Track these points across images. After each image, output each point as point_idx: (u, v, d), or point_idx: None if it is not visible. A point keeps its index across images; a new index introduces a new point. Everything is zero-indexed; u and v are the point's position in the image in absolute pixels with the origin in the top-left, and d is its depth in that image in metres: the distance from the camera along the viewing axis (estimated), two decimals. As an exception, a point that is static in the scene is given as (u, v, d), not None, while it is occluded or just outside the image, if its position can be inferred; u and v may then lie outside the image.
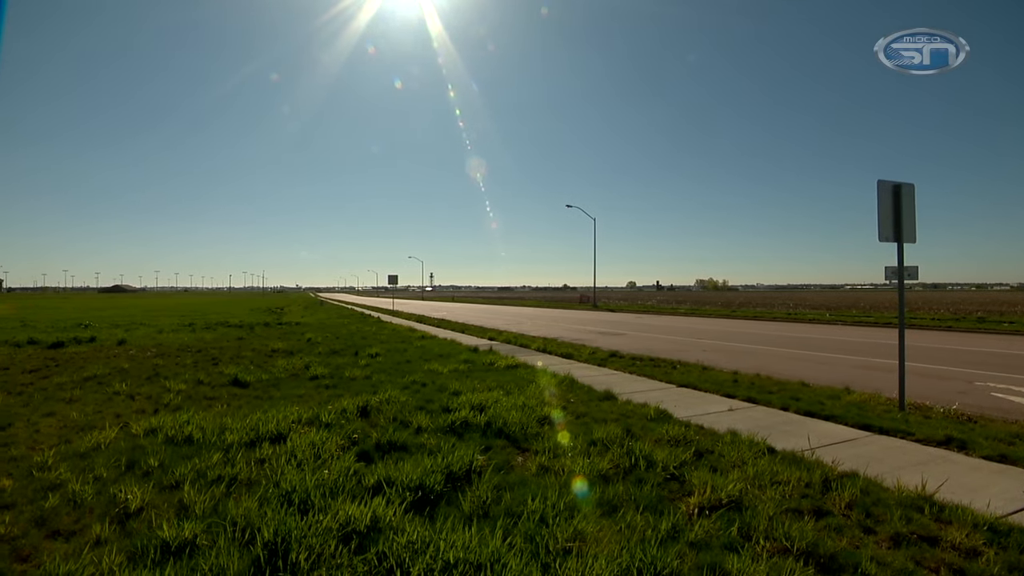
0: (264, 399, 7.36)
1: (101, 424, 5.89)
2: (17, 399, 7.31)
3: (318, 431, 5.47)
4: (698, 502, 3.79)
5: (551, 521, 3.46)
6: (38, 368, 10.14)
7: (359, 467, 4.40)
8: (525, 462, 4.81)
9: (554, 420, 6.12)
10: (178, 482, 4.16)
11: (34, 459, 4.73)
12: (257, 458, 4.68)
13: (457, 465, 4.31)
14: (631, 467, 4.56)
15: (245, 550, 3.08)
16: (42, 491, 4.01)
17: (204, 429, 5.48)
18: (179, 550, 3.11)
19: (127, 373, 9.46)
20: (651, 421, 6.14)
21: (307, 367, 10.04)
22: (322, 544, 3.10)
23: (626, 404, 7.07)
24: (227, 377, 8.90)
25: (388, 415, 6.25)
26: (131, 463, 4.60)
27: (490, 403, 6.58)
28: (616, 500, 3.87)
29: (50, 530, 3.44)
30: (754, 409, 7.01)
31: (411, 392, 7.75)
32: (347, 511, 3.43)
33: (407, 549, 3.06)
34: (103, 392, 7.79)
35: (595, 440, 5.25)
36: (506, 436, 5.51)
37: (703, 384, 8.57)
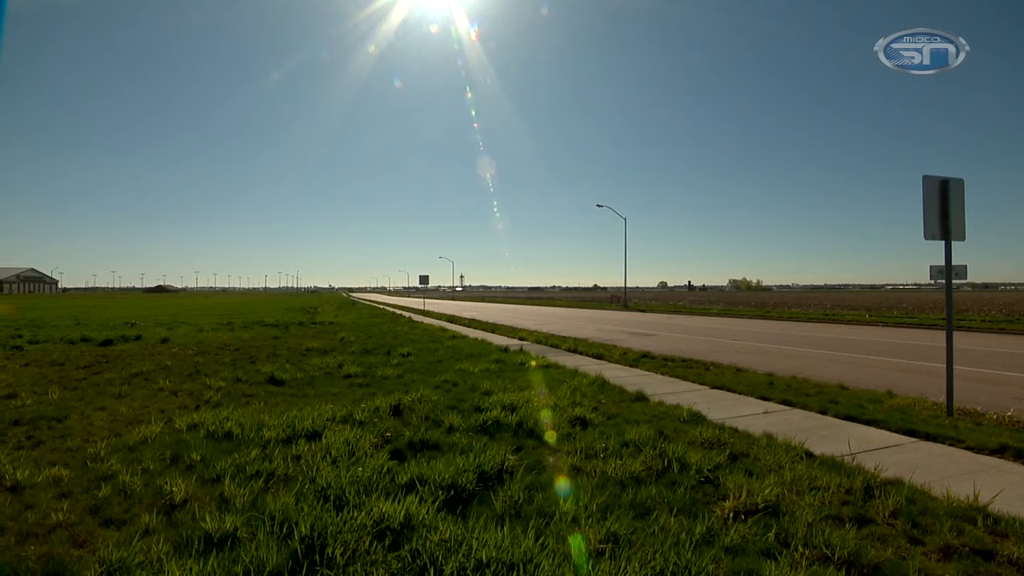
0: (299, 397, 7.54)
1: (147, 418, 6.13)
2: (72, 393, 7.68)
3: (352, 429, 5.57)
4: (733, 506, 3.71)
5: (584, 522, 3.45)
6: (90, 364, 10.62)
7: (392, 465, 4.46)
8: (557, 462, 4.80)
9: (585, 420, 6.09)
10: (219, 476, 4.29)
11: (88, 451, 4.97)
12: (293, 454, 4.80)
13: (489, 464, 4.33)
14: (664, 469, 4.50)
15: (283, 544, 3.16)
16: (95, 481, 4.20)
17: (243, 425, 5.65)
18: (221, 542, 3.21)
19: (170, 370, 9.81)
20: (684, 423, 6.05)
21: (340, 366, 10.24)
22: (357, 540, 3.16)
23: (658, 406, 6.99)
24: (264, 375, 9.15)
25: (420, 414, 6.33)
26: (175, 457, 4.78)
27: (521, 403, 6.59)
28: (649, 502, 3.82)
29: (103, 518, 3.60)
30: (790, 412, 6.84)
31: (442, 391, 7.83)
32: (381, 508, 3.49)
33: (440, 547, 3.09)
34: (149, 388, 8.11)
35: (627, 441, 5.20)
36: (537, 436, 5.51)
37: (737, 386, 8.40)
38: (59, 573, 2.87)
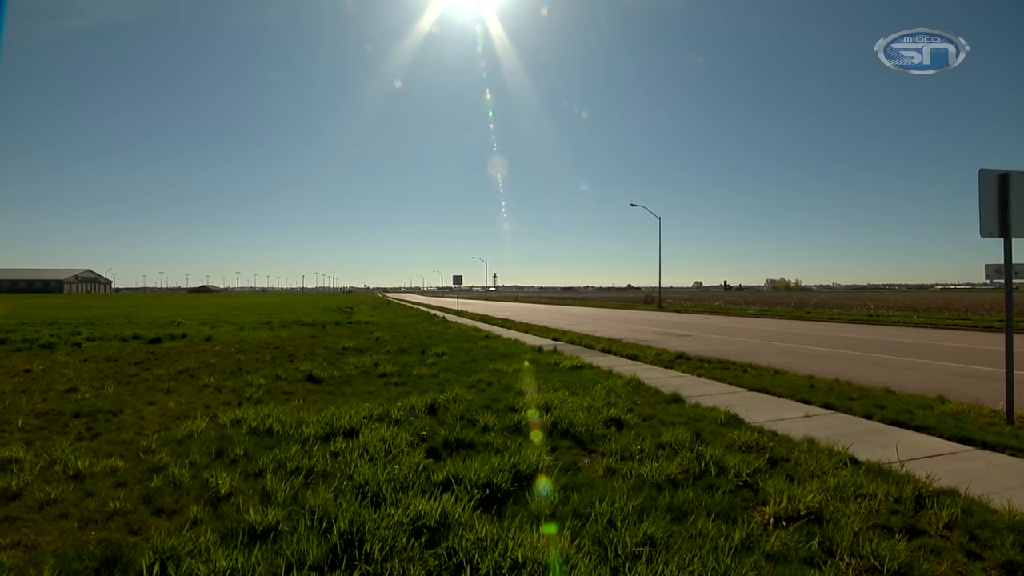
0: (337, 395, 7.70)
1: (194, 414, 6.37)
2: (125, 388, 8.04)
3: (388, 427, 5.66)
4: (774, 512, 3.61)
5: (620, 524, 3.41)
6: (141, 361, 11.10)
7: (428, 463, 4.51)
8: (592, 463, 4.77)
9: (621, 422, 6.03)
10: (261, 471, 4.42)
11: (140, 443, 5.20)
12: (332, 451, 4.90)
13: (524, 465, 4.33)
14: (701, 472, 4.43)
15: (323, 538, 3.23)
16: (148, 472, 4.40)
17: (283, 422, 5.80)
18: (264, 534, 3.31)
19: (214, 367, 10.16)
20: (721, 426, 5.93)
21: (376, 365, 10.41)
22: (394, 537, 3.20)
23: (695, 407, 6.87)
24: (302, 373, 9.38)
25: (455, 413, 6.38)
26: (220, 451, 4.95)
27: (556, 403, 6.57)
28: (686, 506, 3.76)
29: (155, 508, 3.76)
30: (833, 416, 6.62)
31: (477, 391, 7.87)
32: (417, 506, 3.53)
33: (476, 546, 3.11)
34: (194, 384, 8.42)
35: (663, 443, 5.13)
36: (572, 437, 5.48)
37: (776, 388, 8.18)
38: (117, 558, 3.01)
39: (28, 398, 7.32)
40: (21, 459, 4.66)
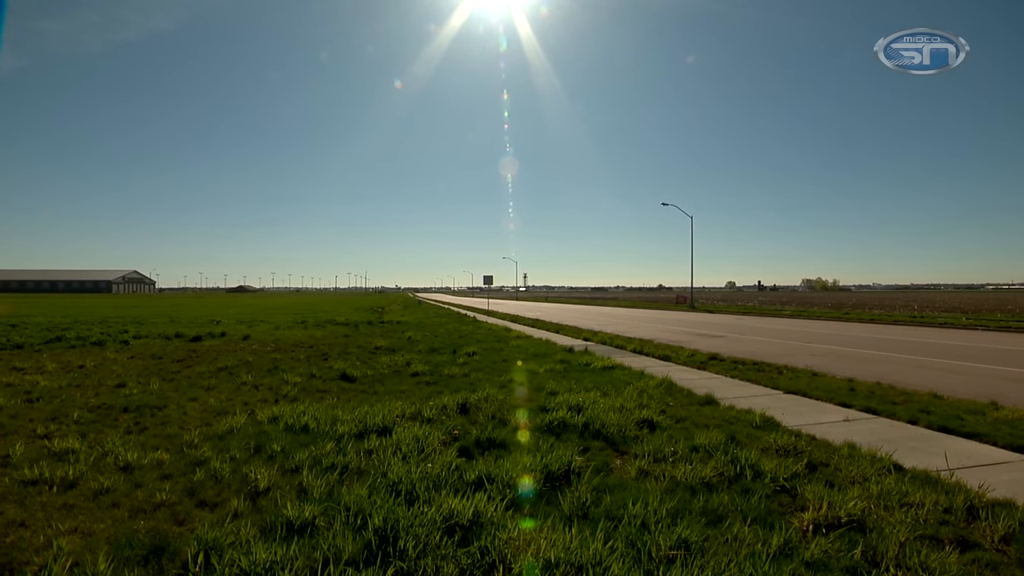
0: (370, 393, 7.83)
1: (233, 410, 6.56)
2: (169, 384, 8.35)
3: (421, 426, 5.72)
4: (813, 518, 3.51)
5: (653, 527, 3.37)
6: (183, 358, 11.51)
7: (460, 462, 4.54)
8: (624, 465, 4.73)
9: (653, 423, 5.96)
10: (298, 467, 4.53)
11: (184, 437, 5.39)
12: (365, 449, 4.99)
13: (556, 465, 4.32)
14: (736, 476, 4.34)
15: (358, 534, 3.28)
16: (191, 466, 4.56)
17: (318, 420, 5.92)
18: (301, 528, 3.39)
19: (251, 365, 10.45)
20: (757, 428, 5.80)
21: (408, 364, 10.54)
22: (427, 534, 3.23)
23: (729, 410, 6.73)
24: (336, 372, 9.57)
25: (487, 413, 6.41)
26: (258, 447, 5.08)
27: (587, 404, 6.54)
28: (721, 510, 3.69)
29: (198, 500, 3.90)
30: (875, 421, 6.40)
31: (508, 391, 7.90)
32: (450, 504, 3.56)
33: (509, 545, 3.11)
34: (233, 382, 8.68)
35: (697, 446, 5.05)
36: (604, 438, 5.45)
37: (813, 391, 7.96)
38: (164, 547, 3.13)
39: (82, 393, 7.68)
40: (77, 450, 4.91)
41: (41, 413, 6.46)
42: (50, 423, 5.97)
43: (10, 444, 5.14)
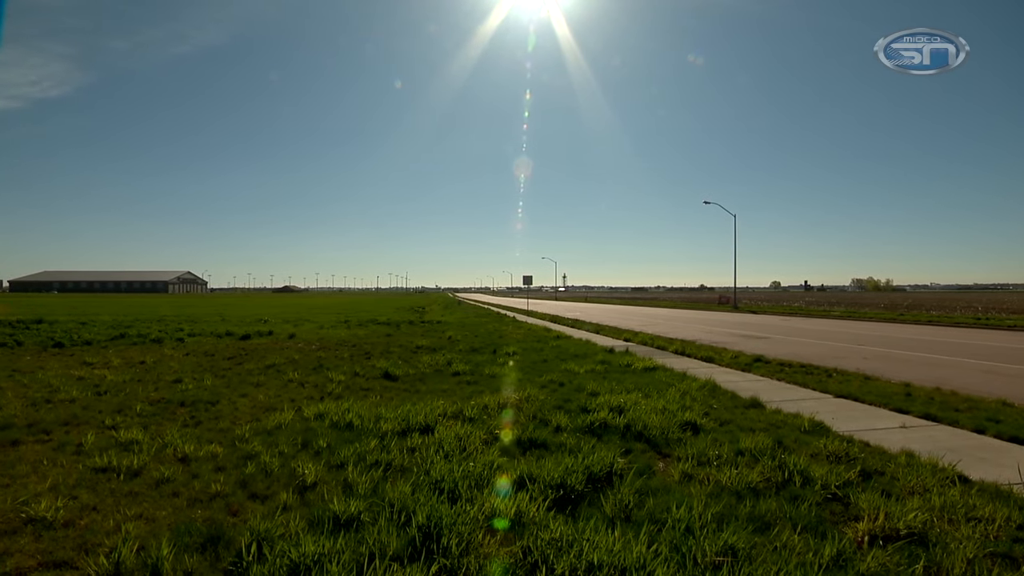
0: (412, 392, 7.95)
1: (281, 406, 6.79)
2: (220, 381, 8.71)
3: (462, 425, 5.79)
4: (868, 529, 3.38)
5: (698, 532, 3.30)
6: (234, 356, 11.97)
7: (502, 462, 4.57)
8: (667, 468, 4.66)
9: (697, 426, 5.84)
10: (343, 463, 4.64)
11: (235, 432, 5.61)
12: (408, 447, 5.07)
13: (598, 466, 4.29)
14: (784, 482, 4.22)
15: (402, 531, 3.34)
16: (242, 459, 4.74)
17: (362, 417, 6.06)
18: (347, 523, 3.48)
19: (298, 363, 10.78)
20: (805, 433, 5.61)
21: (449, 363, 10.66)
22: (470, 532, 3.27)
23: (775, 413, 6.54)
24: (379, 370, 9.77)
25: (528, 413, 6.42)
26: (305, 442, 5.24)
27: (629, 405, 6.47)
28: (769, 516, 3.59)
29: (250, 492, 4.05)
30: (935, 428, 6.08)
31: (549, 391, 7.88)
32: (492, 504, 3.59)
33: (551, 546, 3.11)
34: (280, 379, 8.97)
35: (742, 450, 4.93)
36: (646, 440, 5.38)
37: (866, 396, 7.63)
38: (219, 536, 3.27)
39: (143, 387, 8.11)
40: (140, 441, 5.20)
41: (108, 405, 6.85)
42: (116, 415, 6.32)
43: (83, 434, 5.50)
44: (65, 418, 6.18)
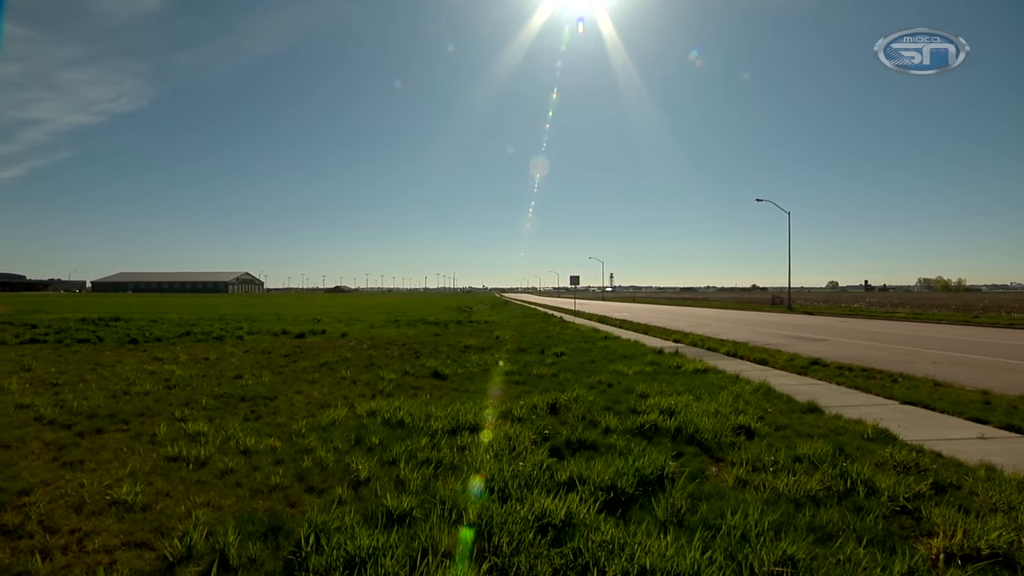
0: (460, 391, 8.05)
1: (334, 403, 7.01)
2: (278, 377, 9.07)
3: (511, 424, 5.81)
4: (944, 546, 3.18)
5: (754, 540, 3.20)
6: (289, 353, 12.45)
7: (551, 462, 4.56)
8: (720, 472, 4.54)
9: (751, 430, 5.66)
10: (395, 459, 4.75)
11: (292, 427, 5.83)
12: (458, 445, 5.14)
13: (648, 469, 4.23)
14: (846, 491, 4.03)
15: (454, 527, 3.39)
16: (300, 454, 4.92)
17: (413, 415, 6.18)
18: (400, 518, 3.55)
19: (350, 362, 11.10)
20: (868, 441, 5.34)
21: (497, 363, 10.75)
22: (520, 532, 3.28)
23: (835, 419, 6.25)
24: (428, 369, 9.94)
25: (576, 413, 6.39)
26: (358, 439, 5.39)
27: (680, 407, 6.35)
28: (831, 527, 3.44)
29: (307, 486, 4.21)
30: (1019, 440, 5.65)
31: (597, 392, 7.82)
32: (542, 504, 3.58)
33: (602, 549, 3.09)
34: (334, 376, 9.26)
35: (800, 456, 4.75)
36: (698, 443, 5.26)
37: (936, 403, 7.17)
38: (280, 526, 3.42)
39: (208, 382, 8.55)
40: (206, 433, 5.49)
41: (177, 399, 7.27)
42: (184, 408, 6.70)
43: (156, 425, 5.88)
44: (140, 409, 6.60)
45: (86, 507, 3.77)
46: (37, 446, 5.19)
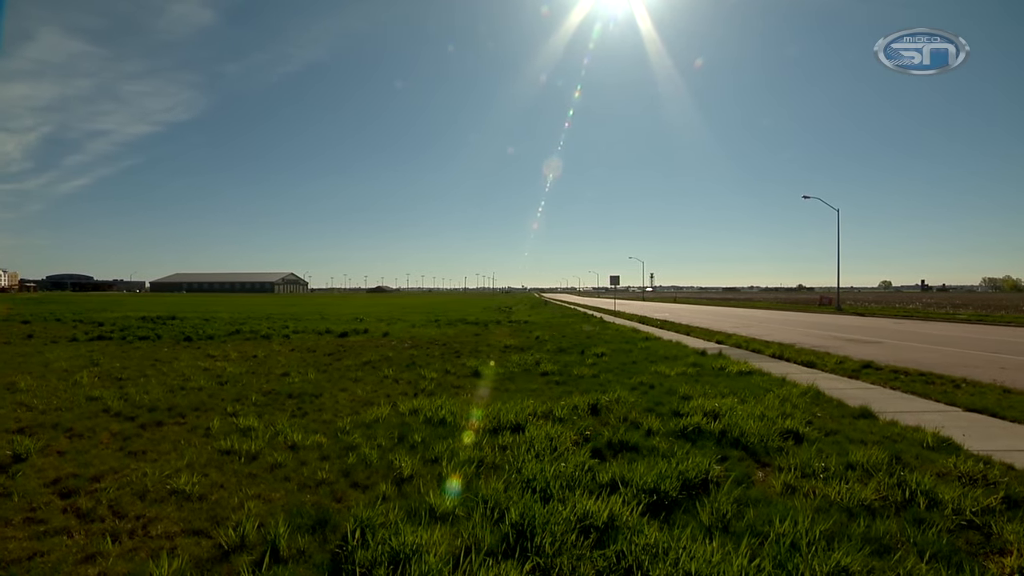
0: (501, 391, 8.08)
1: (377, 401, 7.16)
2: (323, 375, 9.33)
3: (552, 425, 5.80)
4: (1018, 565, 2.99)
5: (805, 549, 3.10)
6: (333, 352, 12.79)
7: (593, 463, 4.53)
8: (767, 478, 4.41)
9: (799, 434, 5.48)
10: (437, 458, 4.82)
11: (337, 424, 5.99)
12: (500, 444, 5.17)
13: (692, 473, 4.15)
14: (905, 502, 3.85)
15: (495, 527, 3.42)
16: (344, 450, 5.05)
17: (454, 414, 6.25)
18: (443, 516, 3.61)
19: (391, 360, 11.31)
20: (929, 450, 5.08)
21: (537, 363, 10.73)
22: (563, 533, 3.28)
23: (890, 426, 5.97)
24: (469, 369, 10.03)
25: (618, 415, 6.33)
26: (401, 436, 5.49)
27: (724, 410, 6.20)
28: (888, 539, 3.29)
29: (352, 481, 4.32)
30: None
31: (639, 393, 7.73)
32: (584, 505, 3.56)
33: (645, 552, 3.05)
34: (376, 375, 9.46)
35: (852, 463, 4.57)
36: (743, 447, 5.13)
37: (1006, 411, 6.74)
38: (327, 520, 3.52)
39: (256, 379, 8.88)
40: (255, 428, 5.71)
41: (229, 394, 7.57)
42: (236, 403, 6.98)
43: (209, 419, 6.16)
44: (195, 404, 6.91)
45: (149, 495, 3.99)
46: (106, 436, 5.52)
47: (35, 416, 6.30)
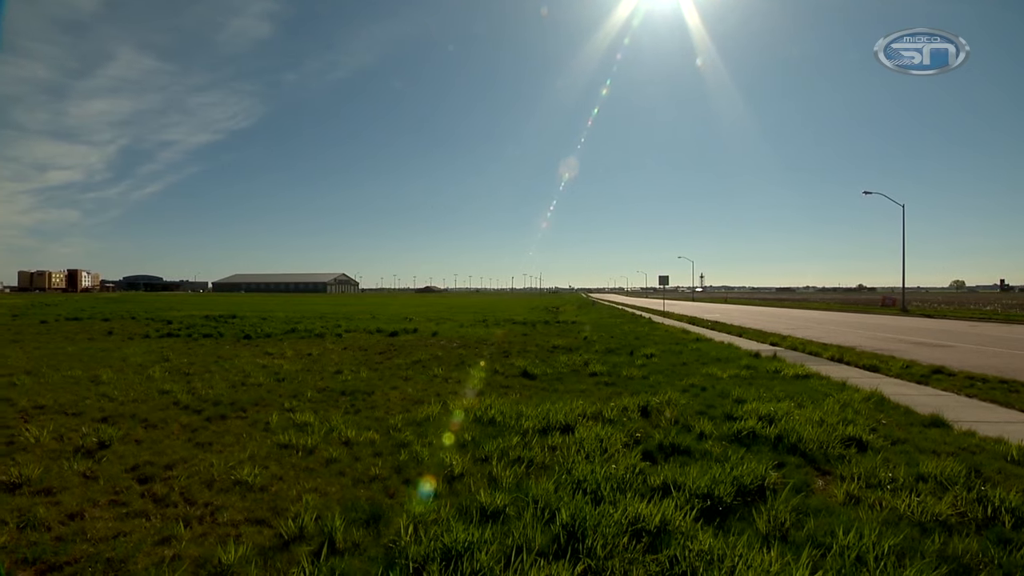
0: (550, 391, 8.07)
1: (428, 400, 7.28)
2: (374, 374, 9.58)
3: (602, 426, 5.75)
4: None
5: (872, 564, 2.96)
6: (384, 351, 13.11)
7: (644, 466, 4.47)
8: (827, 487, 4.23)
9: (862, 442, 5.22)
10: (487, 457, 4.86)
11: (389, 421, 6.14)
12: (549, 445, 5.16)
13: (748, 478, 4.03)
14: (987, 519, 3.60)
15: (546, 527, 3.41)
16: (396, 447, 5.17)
17: (504, 414, 6.28)
18: (493, 515, 3.63)
19: (441, 360, 11.48)
20: (1013, 464, 4.72)
21: (586, 364, 10.65)
22: (614, 536, 3.25)
23: (967, 436, 5.59)
24: (517, 369, 10.06)
25: (669, 417, 6.21)
26: (451, 435, 5.55)
27: (780, 415, 5.98)
28: (969, 559, 3.08)
29: (404, 478, 4.41)
30: None
31: (690, 395, 7.56)
32: (636, 508, 3.52)
33: (699, 558, 2.98)
34: (426, 374, 9.63)
35: (924, 475, 4.31)
36: (802, 454, 4.93)
37: (1105, 424, 6.20)
38: (380, 515, 3.61)
39: (311, 376, 9.21)
40: (311, 423, 5.92)
41: (286, 391, 7.89)
42: (292, 399, 7.26)
43: (268, 414, 6.43)
44: (255, 399, 7.24)
45: (216, 484, 4.21)
46: (176, 427, 5.87)
47: (116, 407, 6.76)
